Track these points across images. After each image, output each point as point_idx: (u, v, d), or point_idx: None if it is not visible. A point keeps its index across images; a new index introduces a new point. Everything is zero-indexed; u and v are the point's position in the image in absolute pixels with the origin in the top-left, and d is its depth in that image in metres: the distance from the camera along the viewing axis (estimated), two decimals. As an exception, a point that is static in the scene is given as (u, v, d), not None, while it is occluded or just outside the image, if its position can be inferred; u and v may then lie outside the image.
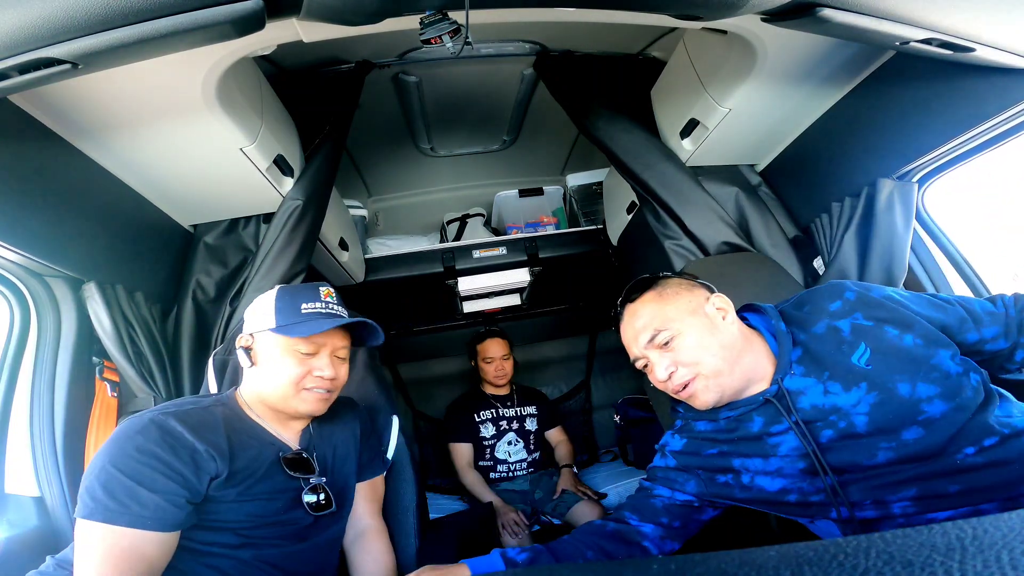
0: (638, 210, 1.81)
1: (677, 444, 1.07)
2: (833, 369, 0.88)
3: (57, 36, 0.64)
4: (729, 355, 0.92)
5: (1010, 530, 0.30)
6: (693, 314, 0.96)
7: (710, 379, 0.92)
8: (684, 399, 0.97)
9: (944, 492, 0.79)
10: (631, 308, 1.03)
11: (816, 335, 0.92)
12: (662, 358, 0.95)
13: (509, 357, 2.48)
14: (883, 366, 0.85)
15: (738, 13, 0.79)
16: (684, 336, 0.94)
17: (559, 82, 1.62)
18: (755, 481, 0.93)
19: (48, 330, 1.22)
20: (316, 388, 1.00)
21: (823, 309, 0.94)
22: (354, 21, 0.74)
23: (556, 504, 2.09)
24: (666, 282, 1.03)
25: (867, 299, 0.90)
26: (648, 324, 0.97)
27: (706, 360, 0.92)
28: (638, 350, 0.99)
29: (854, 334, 0.88)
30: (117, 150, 1.14)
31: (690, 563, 0.37)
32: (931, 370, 0.83)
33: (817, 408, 0.88)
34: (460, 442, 2.33)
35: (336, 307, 1.05)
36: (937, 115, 1.13)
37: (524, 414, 2.46)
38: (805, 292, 1.02)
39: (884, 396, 0.83)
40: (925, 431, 0.81)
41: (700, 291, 1.01)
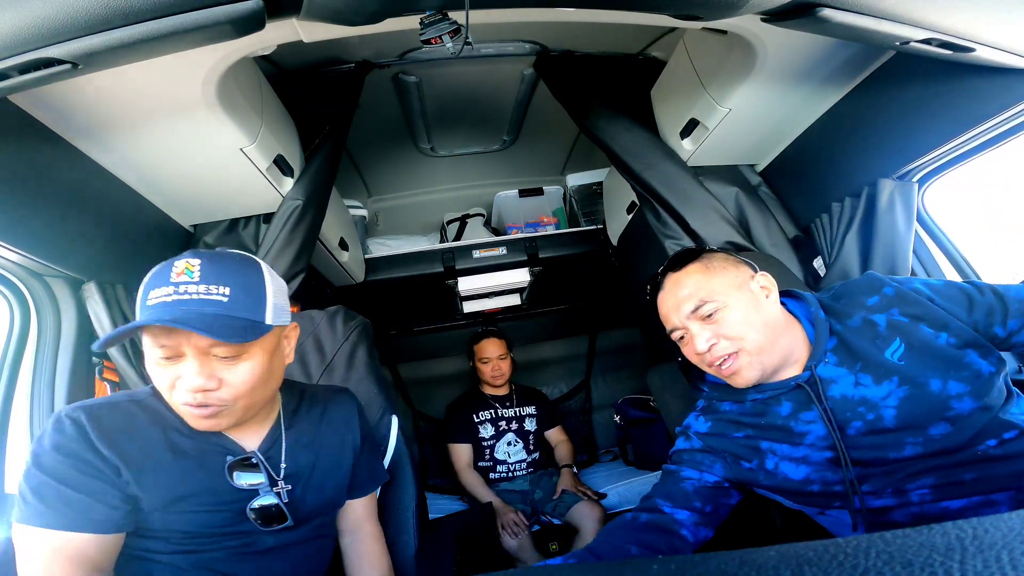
0: (638, 210, 1.81)
1: (703, 426, 1.05)
2: (866, 361, 0.88)
3: (57, 36, 0.64)
4: (771, 334, 0.92)
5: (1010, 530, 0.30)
6: (739, 289, 0.94)
7: (753, 355, 0.91)
8: (723, 374, 0.95)
9: (960, 480, 0.81)
10: (674, 277, 1.00)
11: (852, 328, 0.92)
12: (703, 330, 0.93)
13: (506, 357, 2.47)
14: (916, 362, 0.85)
15: (738, 13, 0.79)
16: (730, 309, 0.92)
17: (559, 82, 1.62)
18: (780, 468, 0.93)
19: (48, 330, 1.22)
20: (184, 404, 0.78)
21: (860, 303, 0.94)
22: (354, 21, 0.74)
23: (556, 504, 2.09)
24: (712, 255, 1.01)
25: (904, 295, 0.90)
26: (693, 294, 0.95)
27: (750, 335, 0.91)
28: (678, 320, 0.97)
29: (890, 329, 0.89)
30: (117, 150, 1.14)
31: (690, 563, 0.37)
32: (963, 368, 0.83)
33: (847, 399, 0.88)
34: (459, 443, 2.33)
35: (194, 288, 0.75)
36: (937, 115, 1.13)
37: (523, 414, 2.46)
38: (841, 285, 1.01)
39: (914, 391, 0.84)
40: (952, 427, 0.82)
41: (745, 268, 1.00)
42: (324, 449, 0.98)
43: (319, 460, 0.97)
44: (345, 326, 1.39)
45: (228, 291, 0.77)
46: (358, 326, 1.41)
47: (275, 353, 0.86)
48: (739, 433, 0.99)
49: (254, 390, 0.82)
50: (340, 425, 1.03)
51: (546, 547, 2.07)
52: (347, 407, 1.06)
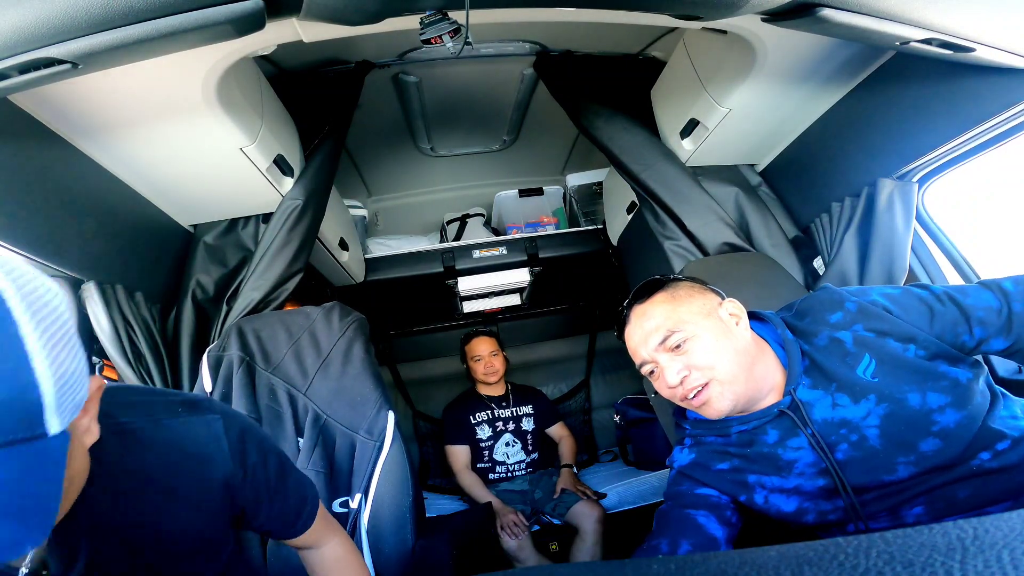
0: (638, 210, 1.81)
1: (686, 458, 1.01)
2: (840, 381, 0.86)
3: (57, 36, 0.64)
4: (743, 361, 0.89)
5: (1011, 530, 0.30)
6: (707, 316, 0.92)
7: (725, 384, 0.87)
8: (695, 407, 0.92)
9: (953, 497, 0.79)
10: (640, 309, 0.97)
11: (819, 347, 0.89)
12: (673, 362, 0.90)
13: (498, 353, 2.48)
14: (890, 377, 0.83)
15: (738, 13, 0.79)
16: (698, 339, 0.89)
17: (559, 82, 1.62)
18: (771, 501, 0.90)
19: (48, 330, 1.22)
20: None
21: (823, 320, 0.91)
22: (354, 21, 0.74)
23: (556, 504, 2.09)
24: (677, 284, 0.99)
25: (867, 310, 0.87)
26: (660, 325, 0.92)
27: (721, 364, 0.87)
28: (647, 353, 0.94)
29: (857, 345, 0.86)
30: (117, 150, 1.14)
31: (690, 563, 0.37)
32: (939, 378, 0.81)
33: (827, 422, 0.86)
34: (456, 444, 2.34)
35: None
36: (937, 115, 1.13)
37: (520, 414, 2.46)
38: (802, 301, 0.98)
39: (894, 407, 0.81)
40: (943, 442, 0.79)
41: (712, 295, 0.97)
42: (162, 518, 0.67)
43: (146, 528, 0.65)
44: (341, 322, 1.39)
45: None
46: (354, 322, 1.41)
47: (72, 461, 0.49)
48: (724, 464, 0.95)
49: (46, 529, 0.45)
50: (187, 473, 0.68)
51: (546, 547, 2.07)
52: (199, 439, 0.69)
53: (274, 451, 0.80)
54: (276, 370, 1.32)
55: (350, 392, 1.30)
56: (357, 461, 1.25)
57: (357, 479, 1.23)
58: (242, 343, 1.34)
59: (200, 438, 0.69)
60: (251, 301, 1.42)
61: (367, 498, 1.21)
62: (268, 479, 0.76)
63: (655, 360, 0.93)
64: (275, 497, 0.78)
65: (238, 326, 1.36)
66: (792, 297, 1.43)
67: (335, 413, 1.28)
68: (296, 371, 1.32)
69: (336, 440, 1.27)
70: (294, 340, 1.36)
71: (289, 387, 1.30)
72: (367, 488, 1.21)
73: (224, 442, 0.70)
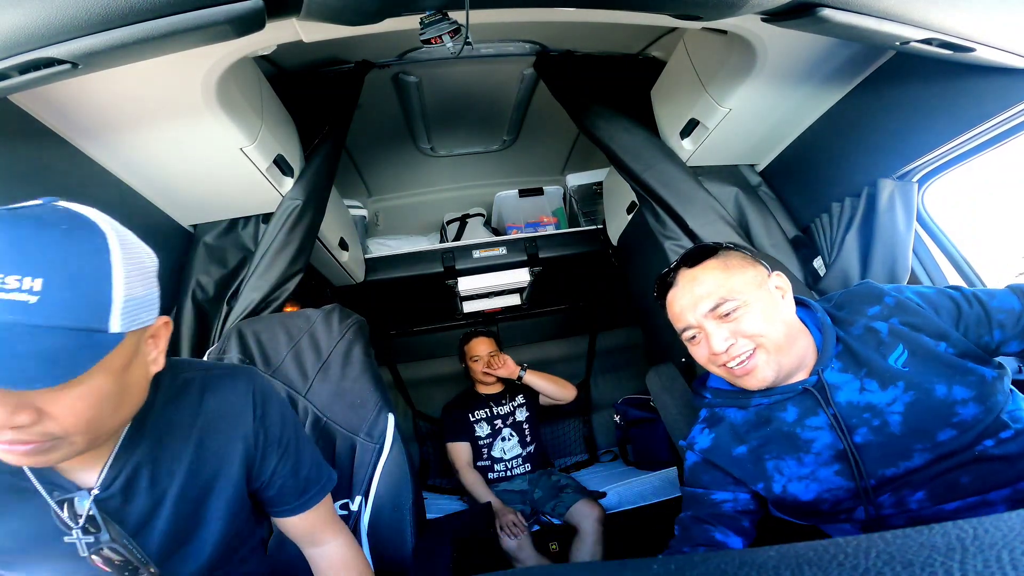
0: (638, 210, 1.81)
1: (706, 440, 1.02)
2: (871, 367, 0.88)
3: (57, 36, 0.64)
4: (789, 333, 0.91)
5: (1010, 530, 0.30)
6: (759, 287, 0.93)
7: (771, 354, 0.89)
8: (737, 375, 0.92)
9: (955, 482, 0.81)
10: (689, 273, 0.96)
11: (855, 335, 0.92)
12: (720, 328, 0.91)
13: (496, 354, 2.48)
14: (920, 368, 0.85)
15: (738, 13, 0.79)
16: (750, 307, 0.90)
17: (559, 82, 1.62)
18: (789, 490, 0.91)
19: (48, 330, 1.22)
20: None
21: (862, 312, 0.94)
22: (354, 21, 0.74)
23: (556, 504, 2.09)
24: (730, 252, 0.99)
25: (904, 305, 0.90)
26: (712, 292, 0.92)
27: (771, 333, 0.89)
28: (694, 318, 0.93)
29: (892, 336, 0.88)
30: (117, 150, 1.14)
31: (690, 563, 0.37)
32: (967, 373, 0.83)
33: (852, 405, 0.88)
34: (457, 441, 2.33)
35: None
36: (937, 115, 1.13)
37: (515, 407, 2.47)
38: (842, 294, 1.01)
39: (920, 396, 0.83)
40: (958, 432, 0.81)
41: (762, 267, 0.98)
42: (200, 461, 0.74)
43: (188, 485, 0.73)
44: (341, 324, 1.39)
45: (40, 284, 0.49)
46: (354, 324, 1.41)
47: (131, 367, 0.59)
48: (741, 448, 0.96)
49: (94, 422, 0.57)
50: (223, 421, 0.76)
51: (546, 547, 2.07)
52: (234, 395, 0.78)
53: (294, 422, 0.86)
54: (276, 372, 1.32)
55: (350, 394, 1.30)
56: (357, 463, 1.25)
57: (357, 481, 1.23)
58: (242, 346, 1.34)
59: (236, 389, 0.79)
60: (251, 301, 1.42)
61: (367, 500, 1.21)
62: (281, 436, 0.82)
63: (701, 326, 0.93)
64: (286, 456, 0.82)
65: (238, 328, 1.36)
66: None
67: (335, 415, 1.28)
68: (296, 373, 1.32)
69: (336, 442, 1.27)
70: (294, 343, 1.36)
71: (289, 389, 1.30)
72: (367, 490, 1.21)
73: (250, 399, 0.79)
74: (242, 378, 0.80)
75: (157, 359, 0.65)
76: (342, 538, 0.92)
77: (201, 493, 0.75)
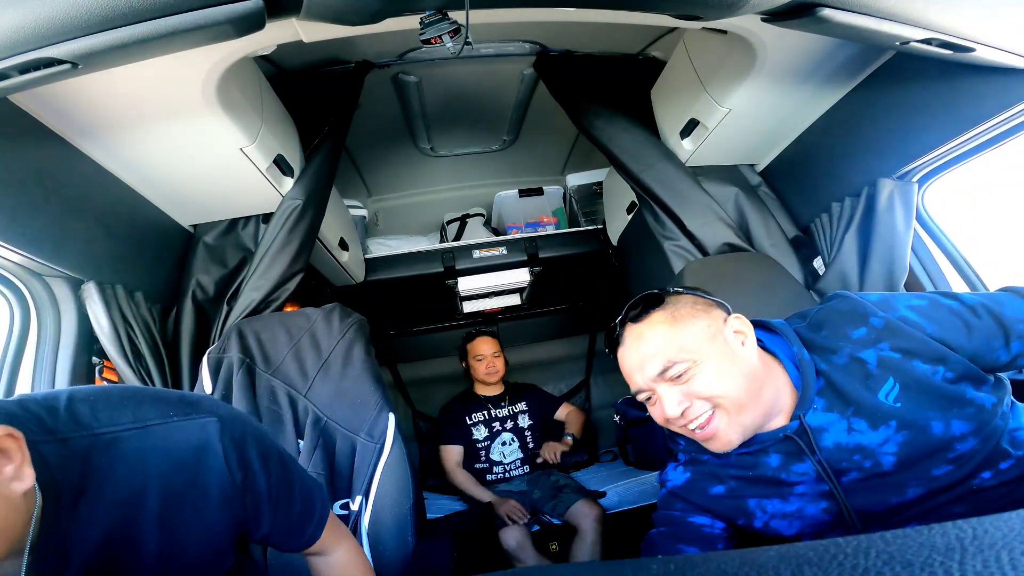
0: (638, 210, 1.81)
1: (680, 477, 0.94)
2: (859, 405, 0.79)
3: (57, 36, 0.64)
4: (752, 387, 0.80)
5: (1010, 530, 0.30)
6: (712, 340, 0.82)
7: (733, 415, 0.79)
8: (698, 438, 0.83)
9: (948, 514, 0.77)
10: (635, 330, 0.87)
11: (838, 366, 0.82)
12: (671, 391, 0.81)
13: (500, 355, 2.47)
14: (913, 403, 0.76)
15: (738, 13, 0.79)
16: (703, 366, 0.80)
17: (559, 82, 1.62)
18: (771, 525, 0.85)
19: (48, 330, 1.22)
20: None
21: (844, 335, 0.82)
22: (354, 21, 0.74)
23: (555, 504, 2.09)
24: (677, 300, 0.87)
25: (895, 328, 0.79)
26: (659, 352, 0.82)
27: (729, 392, 0.79)
28: (643, 381, 0.84)
29: (881, 367, 0.78)
30: (117, 150, 1.14)
31: (690, 563, 0.37)
32: (966, 404, 0.75)
33: (841, 447, 0.79)
34: (450, 444, 2.34)
35: None
36: (937, 115, 1.13)
37: (516, 411, 2.46)
38: (818, 311, 0.89)
39: (915, 435, 0.76)
40: (954, 467, 0.75)
41: (717, 312, 0.87)
42: (171, 549, 0.63)
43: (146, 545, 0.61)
44: (341, 323, 1.39)
45: None
46: (354, 323, 1.41)
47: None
48: (720, 488, 0.89)
49: None
50: (190, 492, 0.63)
51: (546, 547, 2.07)
52: (193, 452, 0.64)
53: (277, 456, 0.74)
54: (276, 372, 1.32)
55: (350, 394, 1.30)
56: (358, 463, 1.25)
57: (358, 481, 1.23)
58: (242, 345, 1.34)
59: (192, 443, 0.63)
60: (252, 301, 1.42)
61: (368, 500, 1.21)
62: (270, 487, 0.71)
63: (652, 389, 0.84)
64: (279, 506, 0.72)
65: (238, 328, 1.36)
66: (792, 297, 1.43)
67: (335, 415, 1.28)
68: (296, 373, 1.32)
69: (336, 442, 1.27)
70: (294, 342, 1.36)
71: (289, 389, 1.30)
72: (368, 490, 1.21)
73: (219, 446, 0.64)
74: (199, 419, 0.64)
75: (20, 474, 0.50)
76: (345, 544, 0.88)
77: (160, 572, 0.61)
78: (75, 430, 0.58)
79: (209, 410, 0.67)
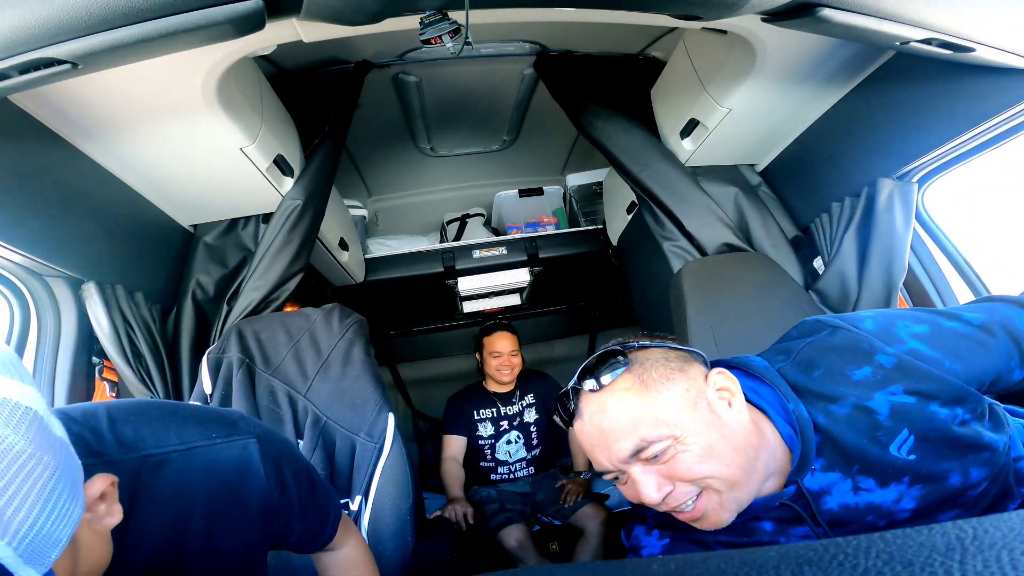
0: (638, 210, 1.81)
1: (656, 546, 0.78)
2: (865, 462, 0.67)
3: (57, 36, 0.64)
4: (744, 460, 0.66)
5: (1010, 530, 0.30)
6: (693, 408, 0.66)
7: (725, 493, 0.65)
8: (685, 520, 0.68)
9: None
10: (595, 400, 0.69)
11: (839, 417, 0.68)
12: (648, 475, 0.66)
13: (517, 353, 2.32)
14: (930, 454, 0.66)
15: (738, 13, 0.79)
16: (686, 444, 0.64)
17: (559, 82, 1.62)
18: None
19: (48, 330, 1.22)
20: None
21: (844, 377, 0.69)
22: (354, 21, 0.74)
23: (560, 507, 2.08)
24: (645, 357, 0.70)
25: (908, 367, 0.67)
26: (629, 430, 0.65)
27: (720, 472, 0.64)
28: (610, 462, 0.67)
29: (894, 417, 0.66)
30: (117, 150, 1.14)
31: (690, 563, 0.37)
32: (982, 450, 0.66)
33: (849, 508, 0.68)
34: (454, 435, 2.28)
35: None
36: (937, 115, 1.13)
37: (524, 407, 2.37)
38: (808, 345, 0.74)
39: (931, 488, 0.66)
40: (962, 511, 0.68)
41: (695, 368, 0.71)
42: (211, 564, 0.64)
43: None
44: (341, 323, 1.39)
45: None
46: (354, 323, 1.41)
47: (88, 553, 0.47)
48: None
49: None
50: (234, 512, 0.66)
51: (546, 547, 2.07)
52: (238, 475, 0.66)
53: (305, 469, 0.77)
54: (276, 372, 1.32)
55: (350, 394, 1.30)
56: (357, 463, 1.25)
57: (357, 481, 1.23)
58: (242, 345, 1.34)
59: (236, 464, 0.66)
60: (252, 301, 1.42)
61: (367, 500, 1.20)
62: (301, 499, 0.74)
63: (623, 470, 0.68)
64: (307, 515, 0.75)
65: (238, 328, 1.36)
66: (791, 297, 1.43)
67: (335, 415, 1.28)
68: (296, 373, 1.32)
69: (336, 442, 1.27)
70: (294, 342, 1.36)
71: (289, 389, 1.30)
72: (367, 490, 1.21)
73: (260, 467, 0.67)
74: (240, 440, 0.67)
75: (111, 511, 0.51)
76: (352, 539, 0.88)
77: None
78: (122, 452, 0.59)
79: (248, 430, 0.69)
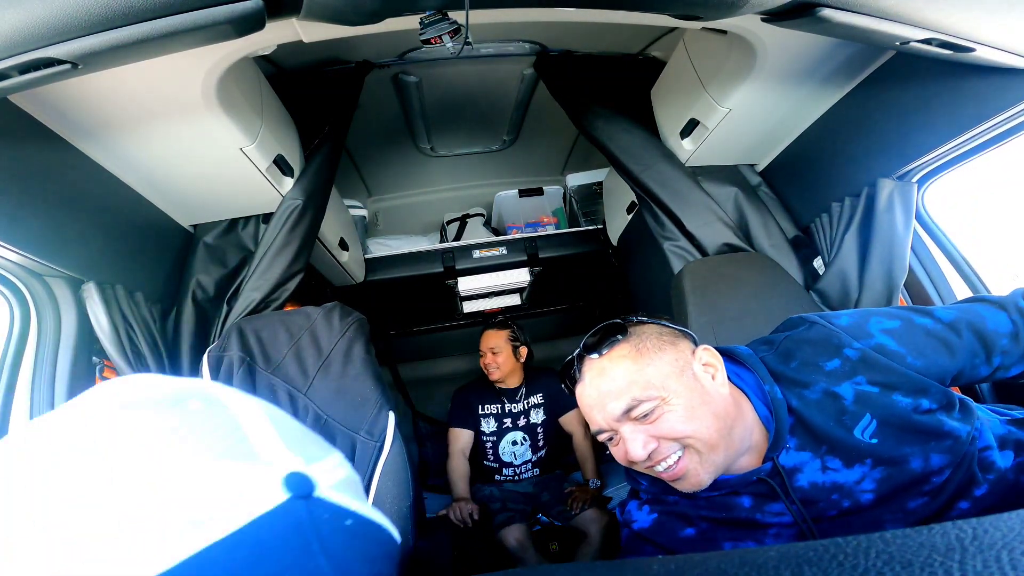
0: (638, 210, 1.81)
1: (645, 519, 0.86)
2: (832, 443, 0.75)
3: (57, 36, 0.64)
4: (723, 426, 0.75)
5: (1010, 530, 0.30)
6: (681, 375, 0.77)
7: (704, 454, 0.74)
8: (667, 479, 0.77)
9: None
10: (596, 364, 0.80)
11: (811, 401, 0.77)
12: (637, 432, 0.75)
13: (500, 352, 2.25)
14: (891, 439, 0.73)
15: (738, 13, 0.79)
16: (671, 404, 0.75)
17: (559, 82, 1.62)
18: None
19: (48, 330, 1.22)
20: None
21: (817, 367, 0.78)
22: (354, 21, 0.74)
23: (563, 509, 2.08)
24: (642, 331, 0.82)
25: (871, 360, 0.76)
26: (623, 390, 0.76)
27: (700, 432, 0.74)
28: (604, 421, 0.78)
29: (858, 403, 0.75)
30: (117, 150, 1.14)
31: (690, 563, 0.37)
32: (944, 437, 0.72)
33: (816, 486, 0.76)
34: (460, 428, 2.27)
35: None
36: (937, 115, 1.13)
37: (530, 406, 2.33)
38: (788, 338, 0.84)
39: (892, 471, 0.73)
40: (929, 498, 0.73)
41: (684, 343, 0.82)
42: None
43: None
44: (342, 322, 1.39)
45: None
46: (354, 322, 1.41)
47: None
48: (691, 530, 0.83)
49: None
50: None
51: (546, 547, 2.07)
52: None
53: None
54: (276, 370, 1.32)
55: (351, 393, 1.30)
56: (357, 462, 1.25)
57: (357, 479, 1.23)
58: (242, 343, 1.34)
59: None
60: (252, 301, 1.42)
61: (367, 499, 1.20)
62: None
63: (614, 429, 0.78)
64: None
65: (238, 326, 1.36)
66: (791, 297, 1.43)
67: (335, 414, 1.28)
68: (296, 371, 1.32)
69: (336, 441, 1.27)
70: (294, 340, 1.36)
71: (289, 387, 1.30)
72: (367, 488, 1.21)
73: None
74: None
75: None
76: None
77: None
78: None
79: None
